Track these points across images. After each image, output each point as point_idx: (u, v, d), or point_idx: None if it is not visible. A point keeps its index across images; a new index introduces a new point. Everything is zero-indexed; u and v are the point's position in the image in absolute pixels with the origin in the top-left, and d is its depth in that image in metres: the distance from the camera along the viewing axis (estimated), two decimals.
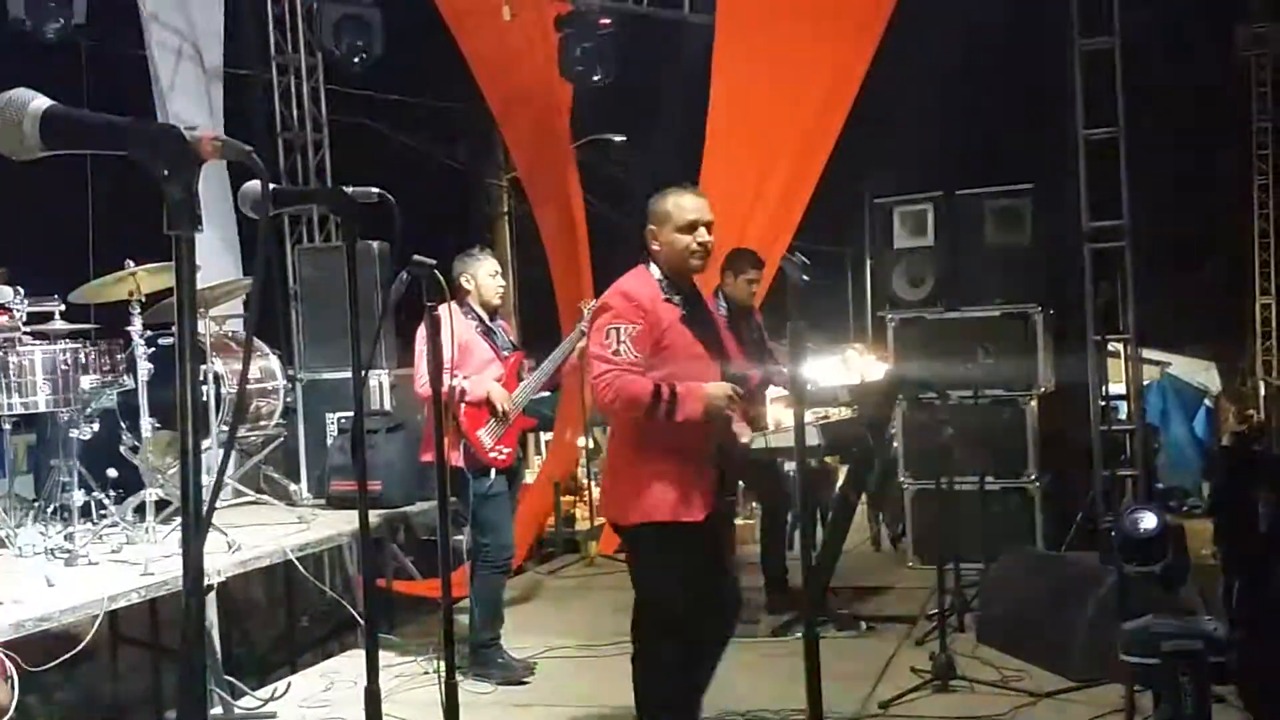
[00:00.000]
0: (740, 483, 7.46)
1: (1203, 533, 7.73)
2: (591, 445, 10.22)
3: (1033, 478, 7.82)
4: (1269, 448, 12.26)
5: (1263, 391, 16.09)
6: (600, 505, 4.51)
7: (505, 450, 5.89)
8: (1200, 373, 15.76)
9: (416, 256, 3.54)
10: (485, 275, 5.98)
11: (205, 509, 1.63)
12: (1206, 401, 15.36)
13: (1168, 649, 4.15)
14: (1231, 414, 15.70)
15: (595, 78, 9.23)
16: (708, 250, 4.26)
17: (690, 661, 4.37)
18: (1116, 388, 8.38)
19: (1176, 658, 4.14)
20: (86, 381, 5.82)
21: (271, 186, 1.85)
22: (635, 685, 4.36)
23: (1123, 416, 8.49)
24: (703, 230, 4.22)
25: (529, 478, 8.99)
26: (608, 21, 9.13)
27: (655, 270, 4.24)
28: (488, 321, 5.99)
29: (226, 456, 2.07)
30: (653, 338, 4.11)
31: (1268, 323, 16.22)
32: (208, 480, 4.13)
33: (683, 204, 4.23)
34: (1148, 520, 6.48)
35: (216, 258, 8.13)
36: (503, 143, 12.34)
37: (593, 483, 9.81)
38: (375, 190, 2.84)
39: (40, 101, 1.68)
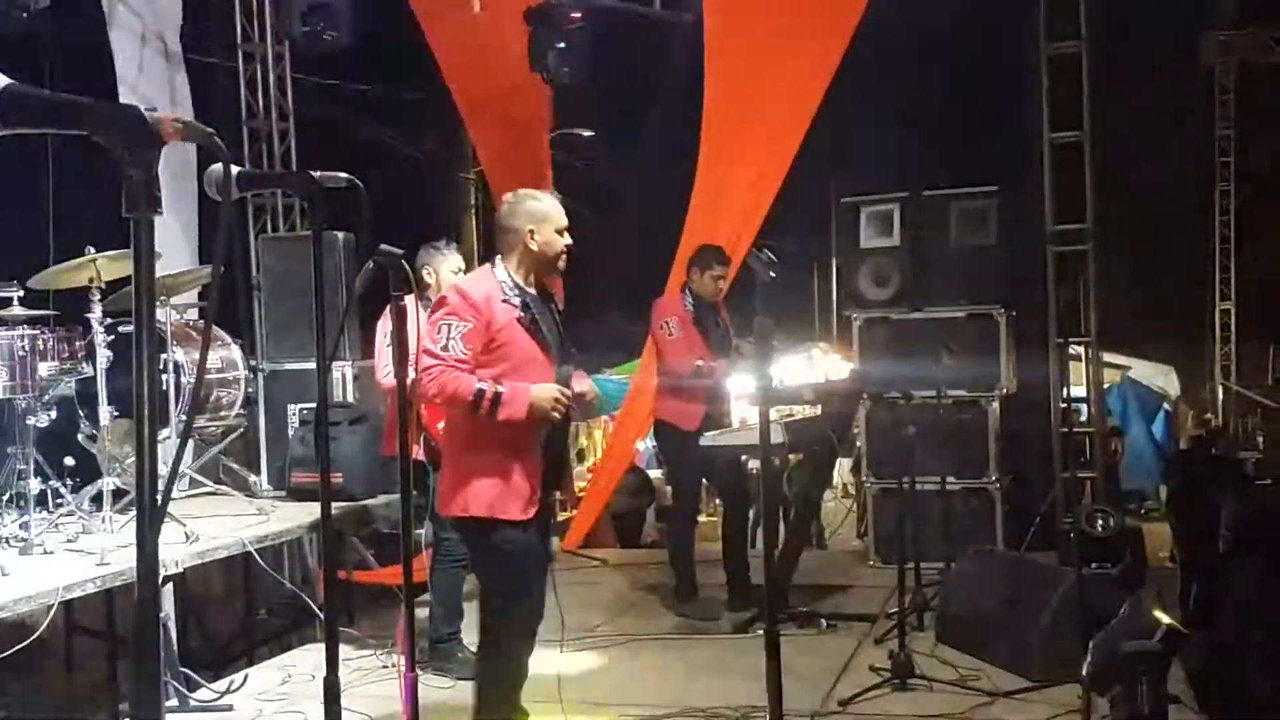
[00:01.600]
0: (705, 480, 7.50)
1: (1161, 535, 7.82)
2: None
3: (994, 478, 7.87)
4: (1227, 452, 12.38)
5: (1221, 396, 16.25)
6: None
7: None
8: (1160, 376, 15.92)
9: (384, 246, 3.52)
10: (447, 270, 5.96)
11: (161, 499, 1.60)
12: (1165, 405, 15.52)
13: (1126, 649, 4.19)
14: (1190, 418, 15.86)
15: (565, 72, 9.21)
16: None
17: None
18: (1077, 390, 8.44)
19: (1133, 659, 4.17)
20: (44, 368, 5.74)
21: (239, 170, 1.82)
22: (476, 672, 4.55)
23: (1084, 419, 8.54)
24: (568, 234, 4.44)
25: None
26: (578, 15, 9.11)
27: (501, 271, 4.36)
28: None
29: (182, 446, 2.04)
30: (486, 336, 4.23)
31: (1227, 328, 16.38)
32: (166, 470, 4.09)
33: (558, 207, 4.44)
34: (1106, 522, 6.55)
35: (177, 245, 8.04)
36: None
37: None
38: (344, 175, 2.82)
39: None
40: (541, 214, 4.38)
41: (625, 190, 15.47)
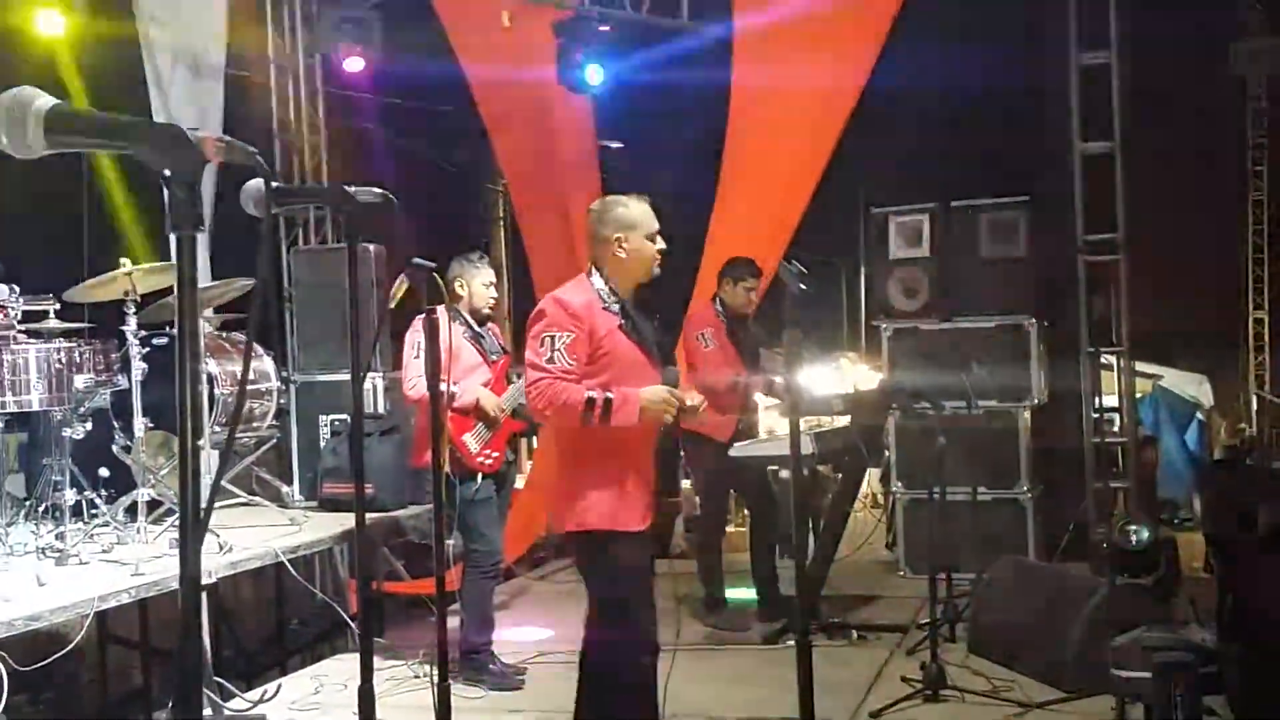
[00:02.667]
0: (733, 490, 7.50)
1: (1194, 545, 7.76)
2: None
3: (1025, 488, 7.84)
4: (1262, 462, 12.28)
5: (1255, 405, 16.10)
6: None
7: (493, 455, 5.89)
8: (1193, 386, 15.75)
9: (416, 259, 3.54)
10: (479, 284, 6.00)
11: (204, 510, 1.62)
12: (1199, 415, 15.36)
13: (1159, 661, 4.17)
14: (1223, 428, 15.70)
15: (594, 84, 9.23)
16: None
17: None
18: (1109, 400, 8.40)
19: (1168, 669, 4.15)
20: (80, 380, 5.79)
21: (275, 185, 1.85)
22: (581, 691, 4.35)
23: (1116, 429, 8.50)
24: (660, 239, 4.31)
25: (520, 482, 8.97)
26: (606, 28, 9.12)
27: (597, 279, 4.26)
28: (475, 327, 6.01)
29: (224, 461, 2.07)
30: (591, 345, 4.13)
31: (1260, 337, 16.23)
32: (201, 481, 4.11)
33: (648, 212, 4.31)
34: (1140, 532, 6.51)
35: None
36: None
37: None
38: (378, 190, 2.85)
39: (45, 100, 1.68)
40: (630, 221, 4.26)
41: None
